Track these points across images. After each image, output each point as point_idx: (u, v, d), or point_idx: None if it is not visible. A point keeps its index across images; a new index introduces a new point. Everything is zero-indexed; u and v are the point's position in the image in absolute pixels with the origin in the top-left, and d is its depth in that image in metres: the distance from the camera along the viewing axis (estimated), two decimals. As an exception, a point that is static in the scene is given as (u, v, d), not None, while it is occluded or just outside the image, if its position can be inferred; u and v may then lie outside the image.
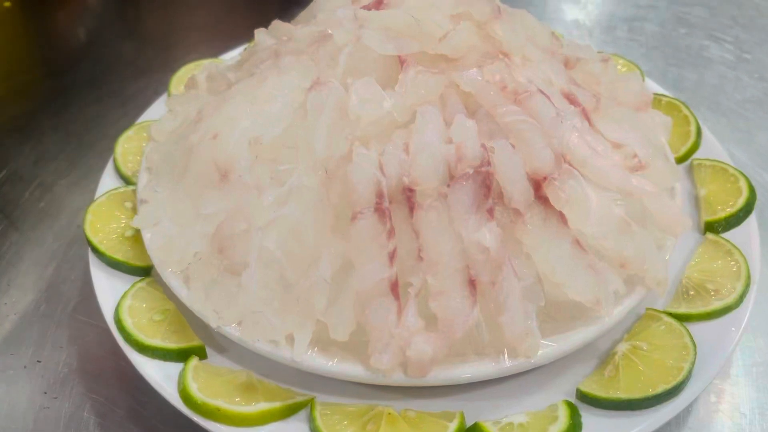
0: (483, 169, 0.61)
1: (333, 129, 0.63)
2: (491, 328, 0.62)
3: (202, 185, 0.68)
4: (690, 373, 0.62)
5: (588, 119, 0.70)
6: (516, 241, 0.62)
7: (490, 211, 0.61)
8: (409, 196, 0.61)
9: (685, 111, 0.88)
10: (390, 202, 0.61)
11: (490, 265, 0.60)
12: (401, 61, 0.67)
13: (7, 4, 1.30)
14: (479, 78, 0.66)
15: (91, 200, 0.79)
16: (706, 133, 0.86)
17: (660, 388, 0.61)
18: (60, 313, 0.79)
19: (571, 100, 0.70)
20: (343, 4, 0.78)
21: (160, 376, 0.64)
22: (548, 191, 0.63)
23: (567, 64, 0.79)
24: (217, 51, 1.08)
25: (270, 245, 0.62)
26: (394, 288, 0.60)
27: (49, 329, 0.78)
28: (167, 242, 0.69)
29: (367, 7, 0.72)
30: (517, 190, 0.62)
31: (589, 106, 0.72)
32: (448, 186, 0.61)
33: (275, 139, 0.65)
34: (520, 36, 0.71)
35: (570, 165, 0.66)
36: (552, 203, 0.63)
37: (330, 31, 0.71)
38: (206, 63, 0.97)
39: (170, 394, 0.63)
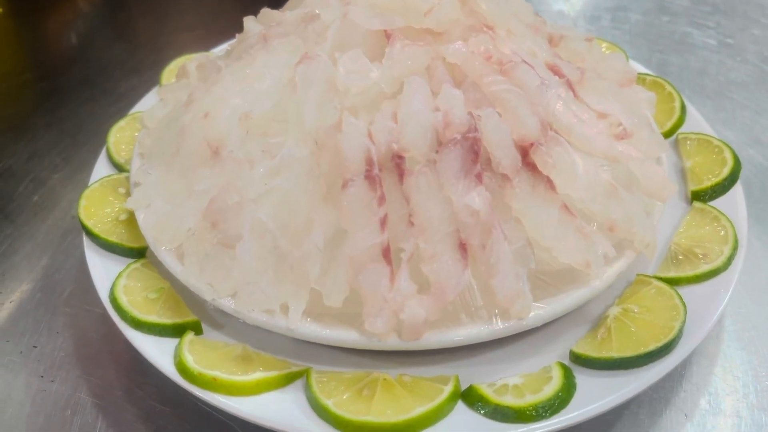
0: (470, 135, 0.62)
1: (322, 101, 0.64)
2: (483, 292, 0.62)
3: (194, 164, 0.69)
4: (681, 331, 0.63)
5: (572, 90, 0.72)
6: (505, 206, 0.63)
7: (479, 176, 0.62)
8: (398, 163, 0.62)
9: (669, 88, 0.90)
10: (380, 170, 0.61)
11: (480, 228, 0.60)
12: (387, 36, 0.68)
13: (0, 9, 1.32)
14: (464, 50, 0.67)
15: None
16: (690, 108, 0.87)
17: (651, 347, 0.62)
18: (55, 301, 0.80)
19: (556, 71, 0.72)
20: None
21: (156, 351, 0.64)
22: (535, 157, 0.64)
23: (551, 41, 0.80)
24: (206, 49, 1.09)
25: (263, 216, 0.63)
26: (387, 253, 0.60)
27: (45, 316, 0.78)
28: (160, 220, 0.69)
29: (354, -12, 0.74)
30: (505, 155, 0.63)
31: (574, 77, 0.73)
32: (437, 152, 0.62)
33: (265, 114, 0.66)
34: (503, 10, 0.72)
35: (556, 133, 0.67)
36: (539, 169, 0.64)
37: (317, 11, 0.72)
38: (197, 55, 0.98)
39: (166, 367, 0.63)
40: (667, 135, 0.86)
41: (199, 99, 0.72)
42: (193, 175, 0.68)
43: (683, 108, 0.87)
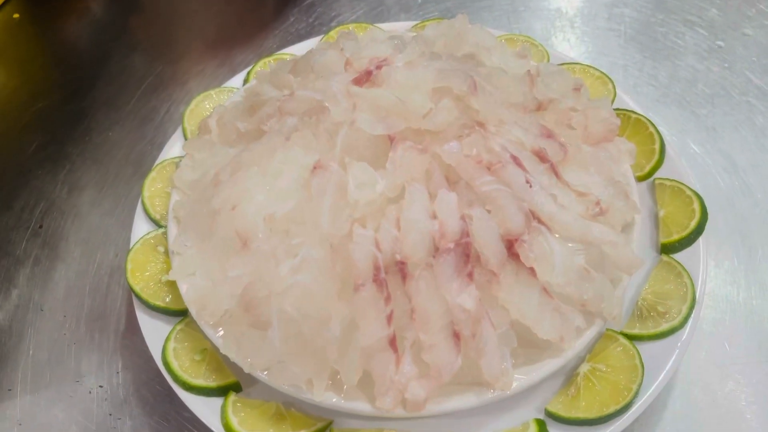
0: (463, 240, 0.73)
1: (335, 208, 0.74)
2: (472, 368, 0.75)
3: (227, 248, 0.80)
4: (637, 393, 0.76)
5: (556, 173, 0.81)
6: (492, 295, 0.75)
7: (470, 275, 0.73)
8: (401, 267, 0.73)
9: (651, 129, 0.98)
10: (386, 273, 0.73)
11: (471, 321, 0.72)
12: (390, 139, 0.77)
13: (16, 15, 1.37)
14: (458, 151, 0.76)
15: (126, 236, 0.92)
16: (668, 150, 0.96)
17: (611, 409, 0.75)
18: (113, 342, 0.94)
19: (541, 157, 0.80)
20: (337, 64, 0.87)
21: (206, 410, 0.79)
22: (519, 251, 0.75)
23: (540, 107, 0.88)
24: (220, 60, 1.17)
25: (288, 308, 0.75)
26: (393, 343, 0.73)
27: (105, 357, 0.93)
28: (201, 295, 0.81)
29: (358, 80, 0.81)
30: (493, 254, 0.74)
31: (557, 158, 0.82)
32: (434, 257, 0.73)
33: (286, 215, 0.76)
34: (494, 100, 0.80)
35: (539, 221, 0.77)
36: (522, 261, 0.75)
37: (326, 104, 0.81)
38: (213, 96, 1.06)
39: (216, 426, 0.78)
40: (645, 177, 0.95)
41: (226, 184, 0.82)
42: (226, 259, 0.80)
43: (662, 150, 0.96)
